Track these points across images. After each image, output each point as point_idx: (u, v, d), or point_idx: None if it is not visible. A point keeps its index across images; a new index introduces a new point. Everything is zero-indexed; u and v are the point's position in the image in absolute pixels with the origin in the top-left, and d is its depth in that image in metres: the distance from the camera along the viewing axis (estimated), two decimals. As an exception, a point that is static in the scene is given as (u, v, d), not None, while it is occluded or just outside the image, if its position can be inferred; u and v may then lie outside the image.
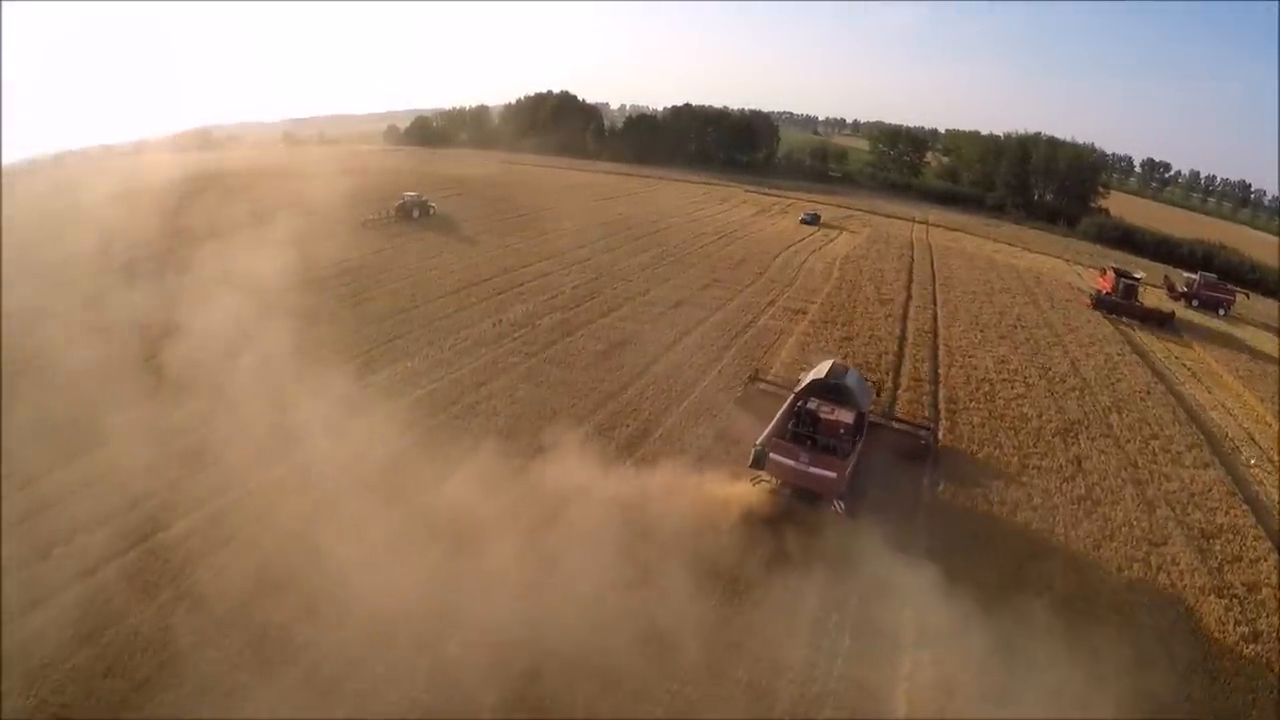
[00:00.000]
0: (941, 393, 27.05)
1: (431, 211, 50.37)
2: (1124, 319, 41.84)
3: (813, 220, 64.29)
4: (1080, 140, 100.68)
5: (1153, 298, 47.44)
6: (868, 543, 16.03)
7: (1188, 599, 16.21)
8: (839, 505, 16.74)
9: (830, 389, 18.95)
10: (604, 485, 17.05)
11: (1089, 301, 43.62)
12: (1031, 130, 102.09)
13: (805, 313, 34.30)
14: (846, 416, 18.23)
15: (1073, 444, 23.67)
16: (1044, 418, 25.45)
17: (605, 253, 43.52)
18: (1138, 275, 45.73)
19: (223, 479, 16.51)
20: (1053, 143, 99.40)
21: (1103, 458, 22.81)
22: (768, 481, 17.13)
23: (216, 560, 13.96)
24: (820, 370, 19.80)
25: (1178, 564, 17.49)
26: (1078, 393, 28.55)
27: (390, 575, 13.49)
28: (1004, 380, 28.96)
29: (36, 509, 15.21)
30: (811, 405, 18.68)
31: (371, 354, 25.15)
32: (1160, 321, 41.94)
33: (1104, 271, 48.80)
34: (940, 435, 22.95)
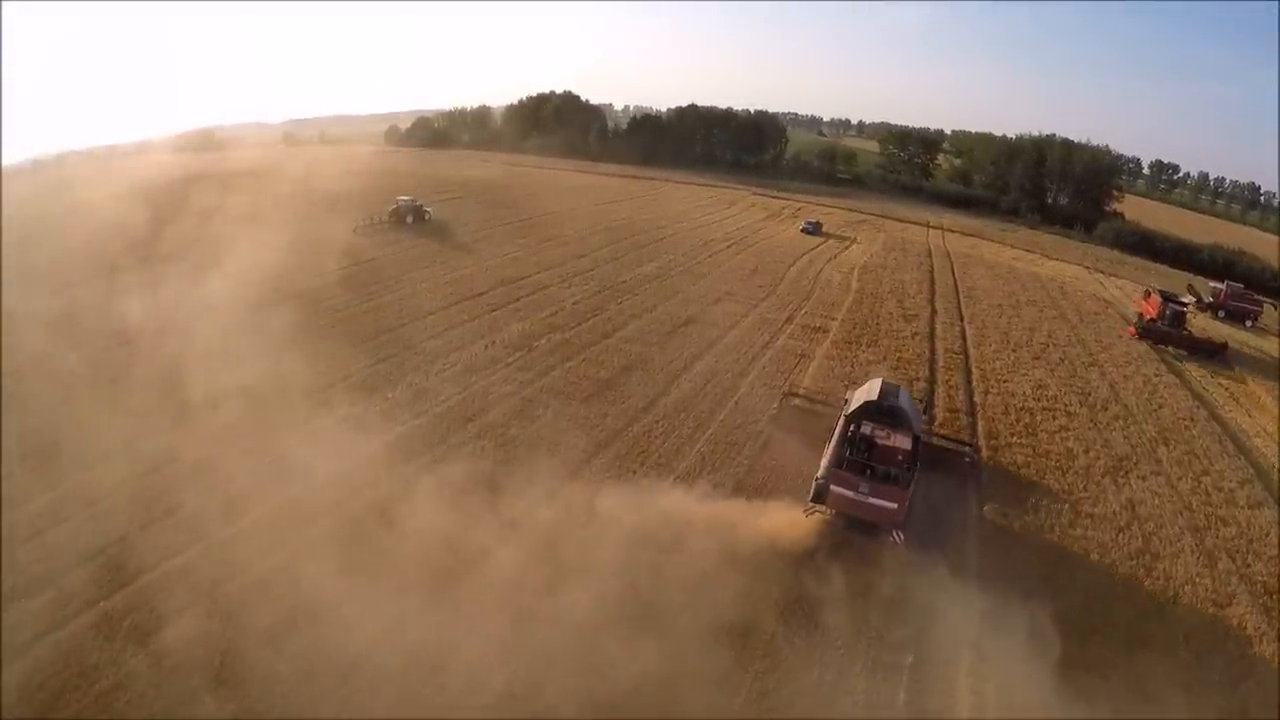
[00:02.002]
0: (980, 425, 24.79)
1: (427, 217, 47.87)
2: (1170, 349, 36.81)
3: (814, 229, 59.59)
4: (1083, 141, 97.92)
5: (1199, 322, 43.18)
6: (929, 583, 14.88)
7: (1259, 670, 14.70)
8: (897, 536, 16.00)
9: (883, 411, 17.91)
10: (614, 537, 15.08)
11: (1133, 331, 38.43)
12: (1036, 131, 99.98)
13: (826, 331, 31.73)
14: (903, 441, 17.40)
15: (1124, 485, 21.80)
16: (1091, 454, 23.54)
17: (609, 262, 40.97)
18: (1185, 300, 41.07)
19: (184, 533, 15.09)
20: (1067, 145, 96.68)
21: (1156, 501, 20.98)
22: (821, 512, 16.31)
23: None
24: (871, 390, 18.54)
25: (1244, 629, 15.82)
26: (1121, 422, 26.59)
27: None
28: (1044, 409, 26.92)
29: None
30: (866, 430, 17.77)
31: (350, 381, 22.70)
32: (1211, 353, 36.96)
33: (1147, 294, 42.68)
34: (984, 478, 20.77)
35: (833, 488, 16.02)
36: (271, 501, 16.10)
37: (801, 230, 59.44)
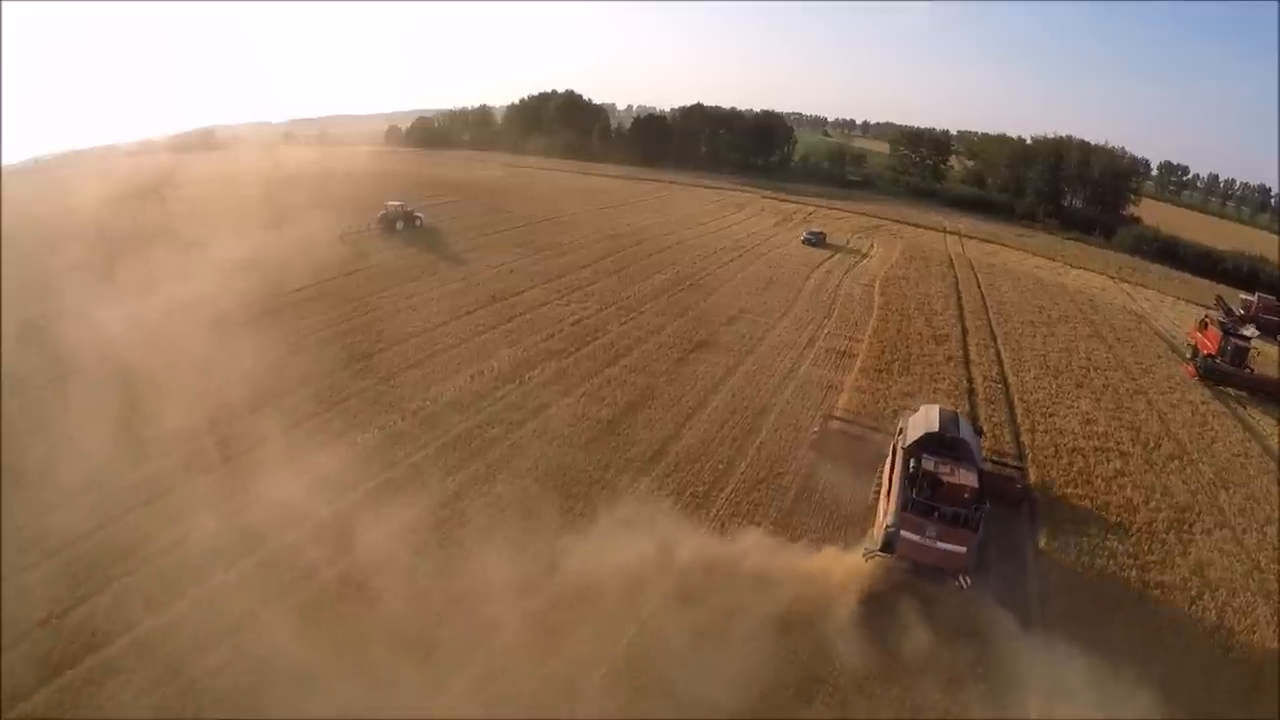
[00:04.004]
0: (1030, 470, 21.88)
1: (418, 223, 44.98)
2: (1231, 389, 31.76)
3: (817, 240, 53.49)
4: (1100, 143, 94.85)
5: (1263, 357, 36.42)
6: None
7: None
8: (964, 580, 14.88)
9: (944, 443, 16.80)
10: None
11: (1191, 371, 33.26)
12: (1044, 133, 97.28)
13: (853, 356, 28.67)
14: (969, 478, 15.95)
15: (1189, 542, 19.52)
16: (1152, 505, 21.05)
17: (612, 274, 37.94)
18: (1248, 334, 34.34)
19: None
20: (1085, 147, 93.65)
21: (1226, 562, 18.71)
22: (882, 557, 15.20)
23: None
24: (930, 420, 17.44)
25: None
26: (1178, 463, 24.07)
27: None
28: (1096, 449, 24.20)
29: None
30: (928, 464, 16.20)
31: (316, 422, 19.79)
32: (1277, 397, 31.29)
33: (1204, 325, 35.51)
34: (1041, 541, 18.26)
35: (901, 533, 14.82)
36: (211, 585, 13.57)
37: (803, 241, 53.34)
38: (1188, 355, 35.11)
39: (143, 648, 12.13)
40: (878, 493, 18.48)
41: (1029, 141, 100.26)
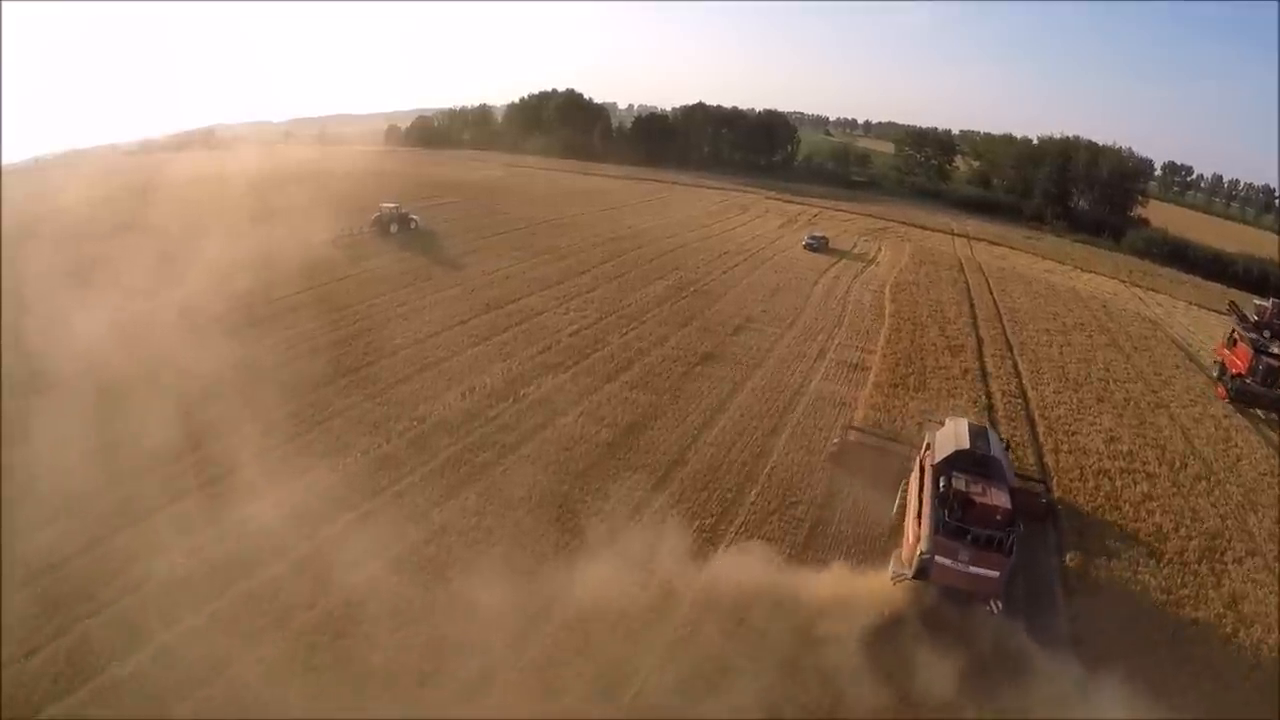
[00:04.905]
0: (1056, 492, 20.77)
1: (413, 225, 43.66)
2: (1261, 412, 29.39)
3: (819, 245, 50.90)
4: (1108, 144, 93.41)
5: None
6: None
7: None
8: (995, 605, 14.37)
9: (975, 461, 16.18)
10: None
11: (1223, 393, 30.77)
12: (1051, 133, 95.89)
13: (866, 369, 27.31)
14: (1001, 498, 15.37)
15: (1222, 573, 18.49)
16: (1182, 531, 20.01)
17: (612, 280, 36.59)
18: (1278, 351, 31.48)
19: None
20: (1093, 147, 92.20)
21: (1260, 594, 17.77)
22: (907, 576, 14.53)
23: None
24: (958, 435, 16.86)
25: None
26: (1205, 483, 23.04)
27: None
28: (1121, 470, 23.02)
29: None
30: (959, 483, 15.53)
31: (298, 444, 18.52)
32: None
33: (1233, 341, 32.56)
34: (1071, 575, 17.17)
35: (936, 559, 14.14)
36: (178, 630, 12.49)
37: (805, 246, 50.68)
38: (1215, 374, 33.07)
39: (106, 695, 11.21)
40: (901, 511, 17.68)
41: (1035, 142, 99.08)
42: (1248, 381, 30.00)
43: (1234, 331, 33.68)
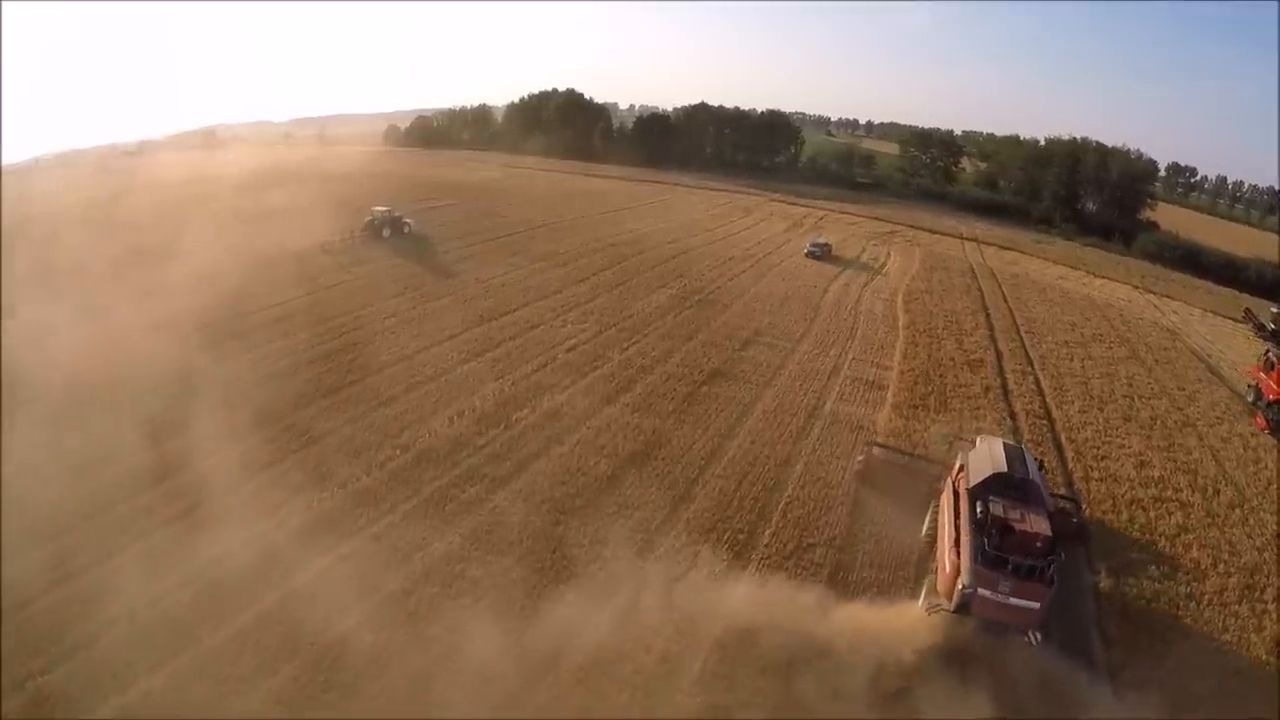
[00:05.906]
0: (1091, 524, 19.23)
1: (406, 230, 42.11)
2: None
3: (822, 253, 48.19)
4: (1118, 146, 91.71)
5: None
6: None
7: None
8: (1034, 636, 13.70)
9: (1012, 484, 15.23)
10: None
11: (1262, 423, 28.05)
12: (1046, 133, 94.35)
13: (883, 387, 25.75)
14: (1042, 524, 14.44)
15: (1263, 613, 17.10)
16: (1220, 567, 18.59)
17: (613, 288, 35.03)
18: None
19: None
20: (1102, 149, 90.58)
21: None
22: (945, 610, 13.84)
23: None
24: (994, 457, 15.89)
25: None
26: (1239, 512, 21.59)
27: None
28: (1154, 499, 21.56)
29: None
30: (997, 509, 14.59)
31: (271, 474, 17.00)
32: None
33: (1270, 364, 29.65)
34: (1111, 621, 15.83)
35: (979, 592, 13.35)
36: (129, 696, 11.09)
37: (806, 254, 47.92)
38: (1250, 399, 30.60)
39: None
40: (932, 535, 16.59)
41: (1042, 143, 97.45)
42: None
43: (1268, 353, 31.13)
